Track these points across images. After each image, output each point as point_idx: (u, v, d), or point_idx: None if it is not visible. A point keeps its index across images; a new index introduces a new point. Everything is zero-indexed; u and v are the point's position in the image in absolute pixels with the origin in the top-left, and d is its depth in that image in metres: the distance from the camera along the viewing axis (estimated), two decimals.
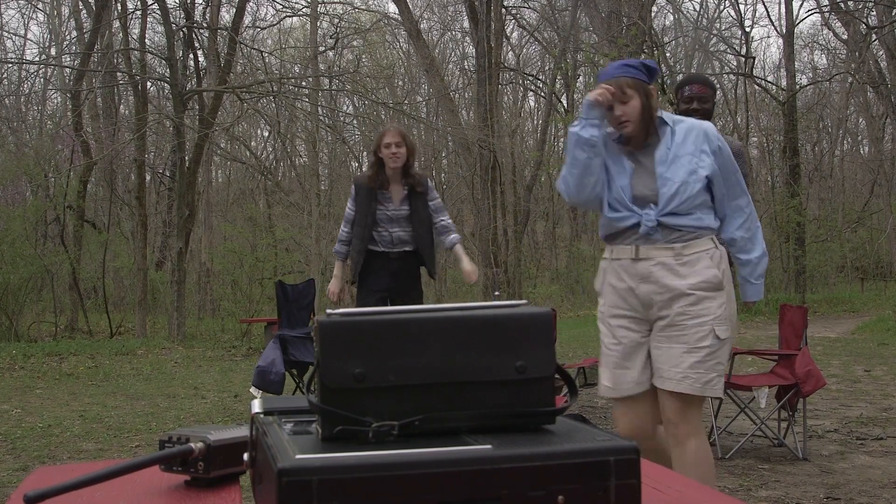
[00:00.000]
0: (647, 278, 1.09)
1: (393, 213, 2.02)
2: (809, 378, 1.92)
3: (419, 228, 2.01)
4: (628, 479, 0.36)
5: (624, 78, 1.11)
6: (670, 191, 1.09)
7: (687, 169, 1.10)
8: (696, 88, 1.69)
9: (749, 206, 1.16)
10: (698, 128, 1.13)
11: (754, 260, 1.16)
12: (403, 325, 0.41)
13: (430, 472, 0.35)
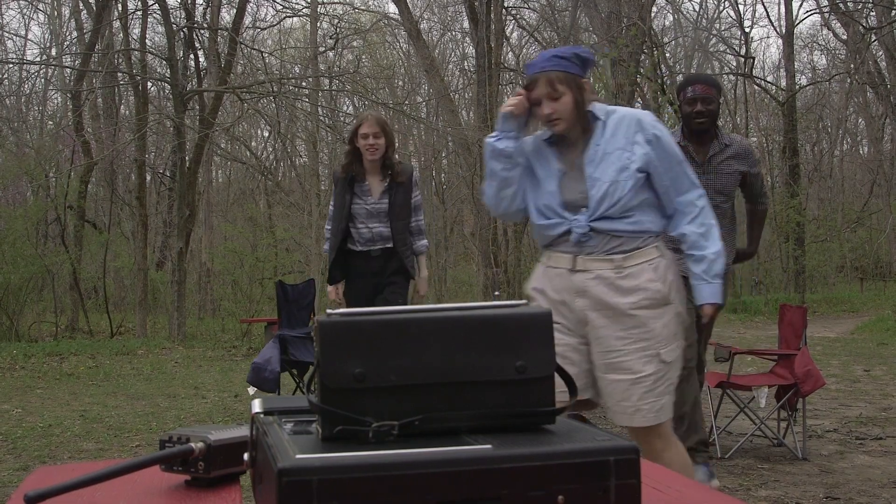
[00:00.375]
0: (583, 293, 0.98)
1: (372, 206, 1.85)
2: (808, 378, 1.92)
3: (396, 222, 1.85)
4: (628, 478, 0.36)
5: (554, 72, 0.98)
6: (599, 192, 0.98)
7: (617, 166, 0.98)
8: (699, 89, 1.56)
9: (702, 201, 1.03)
10: (630, 117, 1.01)
11: (709, 256, 1.02)
12: (403, 325, 0.41)
13: (429, 472, 0.35)
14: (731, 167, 1.61)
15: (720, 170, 1.60)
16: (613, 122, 1.02)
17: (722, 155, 1.61)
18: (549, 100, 1.00)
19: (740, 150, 1.62)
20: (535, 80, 1.00)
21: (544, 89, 1.00)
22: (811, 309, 5.00)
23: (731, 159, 1.61)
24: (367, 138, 1.83)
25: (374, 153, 1.83)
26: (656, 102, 5.88)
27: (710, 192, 1.49)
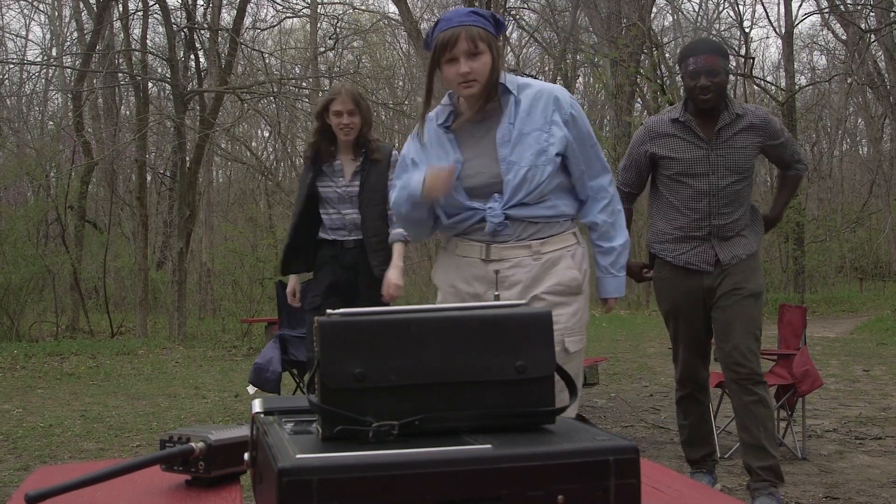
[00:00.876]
0: (500, 284, 0.90)
1: (344, 189, 1.54)
2: (806, 378, 1.92)
3: (368, 208, 1.52)
4: (628, 478, 0.36)
5: (475, 28, 0.89)
6: (517, 178, 0.89)
7: (535, 149, 0.89)
8: (702, 60, 1.31)
9: (612, 187, 0.97)
10: (547, 94, 0.91)
11: (617, 248, 0.96)
12: (403, 325, 0.41)
13: (429, 471, 0.35)
14: (744, 141, 1.36)
15: (731, 145, 1.36)
16: (528, 99, 0.92)
17: (733, 127, 1.36)
18: (467, 57, 0.89)
19: (756, 120, 1.37)
20: (455, 36, 0.89)
21: (464, 45, 0.88)
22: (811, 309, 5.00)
23: (745, 132, 1.36)
24: (339, 116, 1.52)
25: (347, 133, 1.53)
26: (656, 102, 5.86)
27: (721, 171, 1.34)
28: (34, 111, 9.12)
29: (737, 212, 1.39)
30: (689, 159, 1.37)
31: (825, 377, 2.69)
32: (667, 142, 1.39)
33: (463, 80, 0.90)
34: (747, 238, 1.40)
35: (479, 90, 0.91)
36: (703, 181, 1.37)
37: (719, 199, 1.37)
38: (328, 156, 1.56)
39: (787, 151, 1.45)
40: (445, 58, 0.90)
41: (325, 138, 1.56)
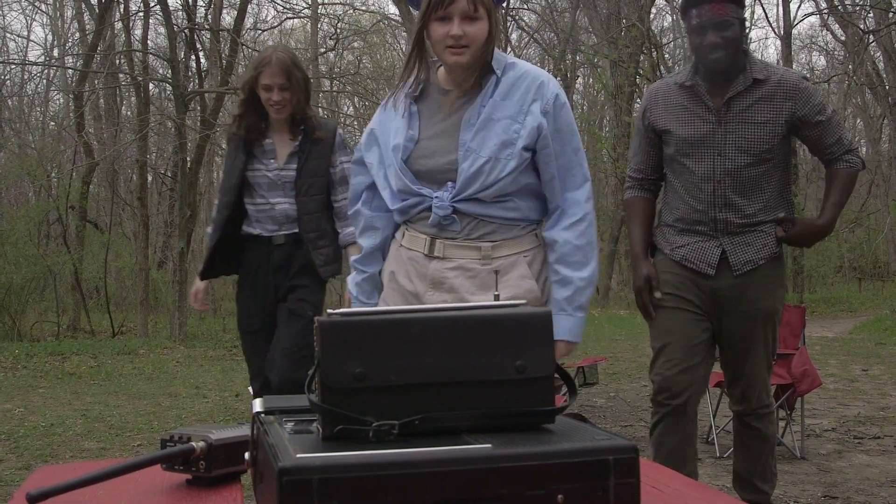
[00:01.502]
0: (439, 285, 0.76)
1: (276, 174, 1.23)
2: (805, 377, 1.93)
3: (304, 197, 1.23)
4: (627, 478, 0.37)
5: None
6: (472, 167, 0.75)
7: (500, 139, 0.75)
8: (707, 11, 1.01)
9: (589, 204, 0.79)
10: (532, 78, 0.77)
11: (577, 281, 0.77)
12: (404, 324, 0.41)
13: (430, 471, 0.35)
14: (764, 113, 1.04)
15: (745, 117, 1.04)
16: (509, 81, 0.78)
17: (749, 96, 1.04)
18: (463, 20, 0.76)
19: (783, 86, 1.03)
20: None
21: (463, 4, 0.75)
22: (810, 309, 5.01)
23: (767, 101, 1.04)
24: (269, 91, 1.21)
25: (279, 111, 1.23)
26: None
27: (730, 151, 1.04)
28: (36, 112, 9.14)
29: (753, 204, 1.06)
30: (688, 136, 1.06)
31: (824, 377, 2.68)
32: (668, 111, 1.08)
33: (454, 42, 0.76)
34: (768, 238, 1.06)
35: (469, 59, 0.76)
36: (707, 163, 1.06)
37: (727, 187, 1.06)
38: (258, 134, 1.24)
39: (828, 135, 1.08)
40: (437, 14, 0.76)
41: (254, 112, 1.24)
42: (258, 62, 1.26)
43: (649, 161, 1.16)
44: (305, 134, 1.27)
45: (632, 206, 1.18)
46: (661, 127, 1.12)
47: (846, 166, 1.13)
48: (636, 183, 1.17)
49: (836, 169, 1.13)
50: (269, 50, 1.30)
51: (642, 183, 1.17)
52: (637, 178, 1.17)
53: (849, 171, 1.13)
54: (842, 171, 1.13)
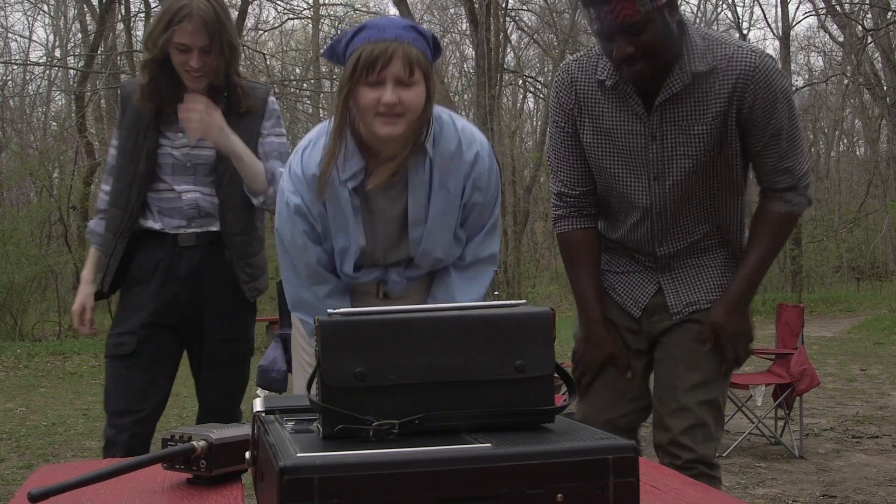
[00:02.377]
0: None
1: (185, 154, 0.92)
2: (804, 377, 1.93)
3: (227, 188, 0.92)
4: (627, 477, 0.37)
5: (415, 49, 0.66)
6: (427, 261, 0.73)
7: (451, 234, 0.72)
8: (607, 12, 0.70)
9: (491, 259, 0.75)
10: (466, 156, 0.71)
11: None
12: (404, 324, 0.41)
13: (430, 470, 0.35)
14: (706, 118, 0.73)
15: (684, 127, 0.74)
16: (444, 163, 0.71)
17: (688, 98, 0.73)
18: (398, 85, 0.66)
19: (732, 69, 0.71)
20: (388, 53, 0.65)
21: (398, 68, 0.66)
22: (808, 308, 5.01)
23: (711, 100, 0.73)
24: (186, 53, 0.88)
25: (197, 81, 0.90)
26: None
27: (668, 172, 0.75)
28: (37, 112, 9.12)
29: (699, 227, 0.77)
30: (615, 153, 0.76)
31: (822, 376, 2.69)
32: (588, 115, 0.77)
33: (386, 111, 0.67)
34: (718, 270, 0.77)
35: (403, 130, 0.68)
36: (641, 188, 0.76)
37: (668, 217, 0.77)
38: (168, 101, 0.90)
39: (776, 152, 0.74)
40: (368, 79, 0.66)
41: (167, 79, 0.90)
42: (172, 13, 0.88)
43: (578, 173, 0.80)
44: (230, 106, 0.92)
45: (570, 246, 0.82)
46: (582, 136, 0.78)
47: (787, 207, 0.77)
48: (568, 207, 0.82)
49: (773, 209, 0.78)
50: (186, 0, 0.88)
51: (576, 204, 0.82)
52: (567, 197, 0.82)
53: (788, 214, 0.78)
54: (780, 214, 0.77)
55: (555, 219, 0.83)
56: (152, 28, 0.93)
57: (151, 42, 0.92)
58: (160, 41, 0.90)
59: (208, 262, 0.95)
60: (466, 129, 0.74)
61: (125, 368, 0.95)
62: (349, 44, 0.69)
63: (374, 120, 0.68)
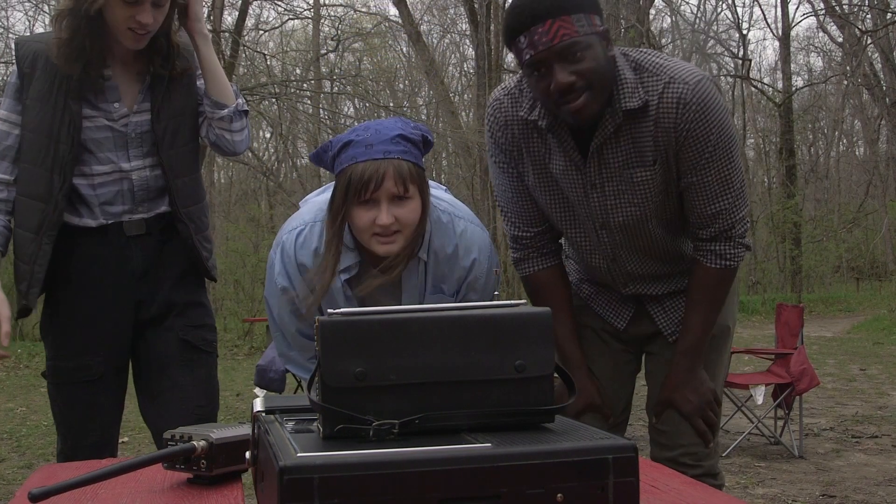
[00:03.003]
0: None
1: (125, 124, 0.77)
2: (804, 376, 1.94)
3: (173, 151, 0.78)
4: (627, 477, 0.37)
5: (406, 164, 0.64)
6: None
7: None
8: (541, 33, 0.61)
9: None
10: (461, 262, 0.68)
11: None
12: (404, 324, 0.41)
13: (430, 470, 0.35)
14: (640, 158, 0.66)
15: (624, 175, 0.67)
16: (438, 265, 0.69)
17: (624, 139, 0.66)
18: (392, 202, 0.64)
19: (664, 102, 0.64)
20: (380, 173, 0.63)
21: (390, 187, 0.63)
22: (808, 308, 5.02)
23: (647, 139, 0.65)
24: (133, 7, 0.72)
25: (139, 40, 0.75)
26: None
27: (613, 220, 0.69)
28: None
29: (663, 266, 0.71)
30: (555, 203, 0.70)
31: (822, 376, 2.69)
32: (523, 157, 0.69)
33: (382, 232, 0.65)
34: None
35: (402, 245, 0.66)
36: (590, 237, 0.71)
37: (625, 261, 0.71)
38: (93, 64, 0.74)
39: (706, 193, 0.66)
40: (360, 199, 0.64)
41: (90, 31, 0.73)
42: None
43: (530, 214, 0.73)
44: (161, 65, 0.76)
45: (536, 289, 0.74)
46: (525, 178, 0.70)
47: (721, 262, 0.69)
48: (526, 249, 0.74)
49: (706, 266, 0.69)
50: None
51: (533, 244, 0.74)
52: (523, 240, 0.74)
53: (723, 270, 0.69)
54: (714, 271, 0.69)
55: (514, 262, 0.75)
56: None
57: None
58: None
59: (163, 250, 0.80)
60: (466, 234, 0.70)
61: (92, 395, 0.79)
62: (336, 157, 0.67)
63: (371, 239, 0.67)
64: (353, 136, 0.67)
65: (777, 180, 8.84)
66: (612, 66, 0.65)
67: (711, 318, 0.71)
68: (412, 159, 0.67)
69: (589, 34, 0.63)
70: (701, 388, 0.72)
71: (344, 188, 0.66)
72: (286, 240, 0.74)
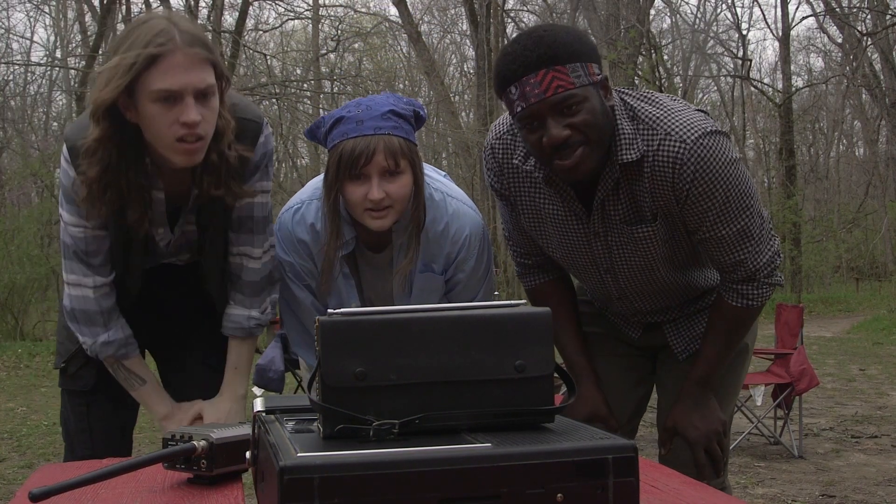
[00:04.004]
0: None
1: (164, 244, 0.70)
2: (804, 376, 1.94)
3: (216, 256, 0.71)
4: (627, 476, 0.37)
5: (397, 139, 0.64)
6: None
7: (437, 295, 0.72)
8: (533, 84, 0.58)
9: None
10: (451, 239, 0.69)
11: None
12: (404, 324, 0.41)
13: (430, 469, 0.35)
14: (641, 214, 0.65)
15: (622, 229, 0.66)
16: (428, 244, 0.70)
17: (623, 195, 0.65)
18: (383, 177, 0.65)
19: (659, 159, 0.61)
20: (371, 149, 0.63)
21: (381, 161, 0.64)
22: (807, 309, 5.02)
23: (640, 197, 0.63)
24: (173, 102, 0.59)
25: (192, 155, 0.62)
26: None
27: (620, 269, 0.68)
28: (38, 112, 9.11)
29: (673, 299, 0.71)
30: (561, 252, 0.69)
31: (822, 376, 2.69)
32: (527, 205, 0.68)
33: (374, 206, 0.66)
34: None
35: (393, 220, 0.67)
36: (597, 281, 0.71)
37: (633, 300, 0.71)
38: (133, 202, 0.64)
39: (722, 246, 0.64)
40: (352, 175, 0.65)
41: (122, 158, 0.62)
42: (142, 43, 0.57)
43: (532, 246, 0.73)
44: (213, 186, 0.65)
45: (543, 297, 0.72)
46: (521, 220, 0.69)
47: (743, 302, 0.67)
48: (530, 267, 0.74)
49: (728, 303, 0.67)
50: (155, 20, 0.59)
51: (540, 265, 0.74)
52: (528, 263, 0.74)
53: (746, 309, 0.67)
54: (735, 309, 0.67)
55: (518, 274, 0.76)
56: (106, 80, 0.57)
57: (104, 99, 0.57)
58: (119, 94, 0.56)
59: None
60: (459, 213, 0.71)
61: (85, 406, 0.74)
62: (329, 133, 0.68)
63: (364, 214, 0.68)
64: (344, 112, 0.68)
65: (777, 180, 8.85)
66: (611, 118, 0.61)
67: (728, 351, 0.69)
68: (403, 135, 0.67)
69: (585, 85, 0.59)
70: (710, 416, 0.70)
71: (335, 164, 0.67)
72: (283, 218, 0.75)
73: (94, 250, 0.67)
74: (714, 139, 0.61)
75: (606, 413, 0.73)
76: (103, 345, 0.70)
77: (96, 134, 0.60)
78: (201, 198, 0.66)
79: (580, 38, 0.60)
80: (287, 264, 0.75)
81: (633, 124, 0.63)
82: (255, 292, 0.74)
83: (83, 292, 0.68)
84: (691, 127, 0.61)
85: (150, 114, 0.59)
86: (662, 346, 0.76)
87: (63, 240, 0.68)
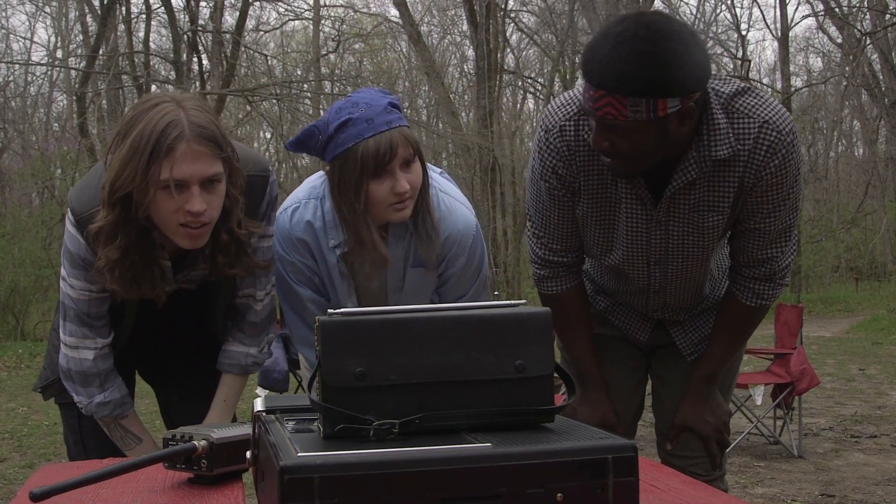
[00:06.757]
0: None
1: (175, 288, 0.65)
2: (804, 376, 1.94)
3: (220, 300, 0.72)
4: (626, 476, 0.37)
5: (405, 129, 0.66)
6: None
7: (430, 291, 0.74)
8: (591, 97, 0.60)
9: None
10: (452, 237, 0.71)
11: None
12: (404, 324, 0.41)
13: (430, 469, 0.35)
14: (717, 205, 0.65)
15: (691, 217, 0.66)
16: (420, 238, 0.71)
17: (701, 186, 0.64)
18: (403, 170, 0.66)
19: (754, 151, 0.61)
20: (394, 143, 0.64)
21: (403, 153, 0.65)
22: (807, 309, 5.03)
23: (727, 184, 0.64)
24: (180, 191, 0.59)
25: (197, 238, 0.63)
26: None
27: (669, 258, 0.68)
28: (39, 113, 9.12)
29: (698, 293, 0.72)
30: (611, 233, 0.68)
31: (821, 376, 2.68)
32: (587, 186, 0.66)
33: (400, 199, 0.66)
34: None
35: (411, 208, 0.68)
36: (637, 270, 0.70)
37: (667, 294, 0.71)
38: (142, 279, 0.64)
39: (764, 237, 0.66)
40: (377, 172, 0.65)
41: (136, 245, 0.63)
42: (152, 132, 0.57)
43: (571, 241, 0.71)
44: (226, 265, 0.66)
45: (559, 308, 0.70)
46: (577, 209, 0.68)
47: (756, 301, 0.69)
48: (554, 268, 0.73)
49: (741, 301, 0.69)
50: (164, 104, 0.60)
51: (564, 264, 0.72)
52: (555, 263, 0.72)
53: (758, 308, 0.69)
54: (748, 308, 0.69)
55: (538, 279, 0.73)
56: (120, 167, 0.57)
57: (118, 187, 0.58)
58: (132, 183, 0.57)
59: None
60: (452, 209, 0.72)
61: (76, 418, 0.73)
62: (333, 140, 0.66)
63: (388, 210, 0.68)
64: (346, 115, 0.67)
65: None
66: (669, 146, 0.60)
67: (735, 350, 0.72)
68: (406, 124, 0.69)
69: (640, 121, 0.58)
70: (718, 410, 0.73)
71: (357, 166, 0.66)
72: (282, 218, 0.75)
73: (97, 312, 0.67)
74: (797, 134, 0.63)
75: (615, 421, 0.75)
76: (99, 405, 0.69)
77: (111, 219, 0.61)
78: (214, 275, 0.66)
79: (666, 68, 0.56)
80: (288, 263, 0.75)
81: (727, 118, 0.62)
82: (256, 332, 0.74)
83: (82, 354, 0.67)
84: (784, 118, 0.63)
85: (156, 199, 0.60)
86: (662, 345, 0.78)
87: (63, 301, 0.67)
